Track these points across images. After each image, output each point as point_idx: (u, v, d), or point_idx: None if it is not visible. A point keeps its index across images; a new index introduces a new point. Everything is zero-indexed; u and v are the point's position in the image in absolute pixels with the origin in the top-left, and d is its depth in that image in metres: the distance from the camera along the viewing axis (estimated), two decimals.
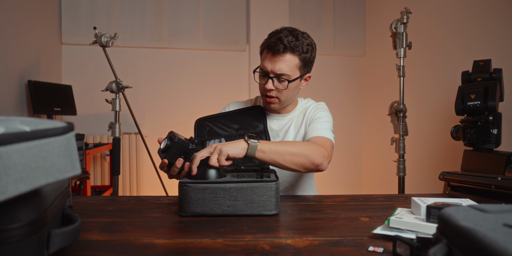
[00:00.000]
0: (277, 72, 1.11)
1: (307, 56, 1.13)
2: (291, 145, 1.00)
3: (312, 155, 0.99)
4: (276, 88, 1.14)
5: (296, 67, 1.13)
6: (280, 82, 1.14)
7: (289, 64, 1.11)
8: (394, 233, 0.66)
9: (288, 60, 1.11)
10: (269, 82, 1.13)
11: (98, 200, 1.05)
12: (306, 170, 1.02)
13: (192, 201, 0.83)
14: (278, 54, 1.10)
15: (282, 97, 1.17)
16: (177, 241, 0.67)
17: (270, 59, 1.12)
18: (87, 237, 0.69)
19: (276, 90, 1.15)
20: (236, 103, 1.36)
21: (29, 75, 2.47)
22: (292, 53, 1.10)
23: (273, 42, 1.10)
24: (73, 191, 2.33)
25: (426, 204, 0.71)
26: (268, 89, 1.14)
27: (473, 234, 0.40)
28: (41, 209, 0.48)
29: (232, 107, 1.35)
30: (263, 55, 1.16)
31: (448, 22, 2.33)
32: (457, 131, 1.54)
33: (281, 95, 1.16)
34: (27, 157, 0.40)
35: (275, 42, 1.09)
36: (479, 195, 1.05)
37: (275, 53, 1.10)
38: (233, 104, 1.36)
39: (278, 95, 1.16)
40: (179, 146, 0.94)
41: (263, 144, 0.96)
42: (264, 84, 1.14)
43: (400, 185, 2.11)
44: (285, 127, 1.27)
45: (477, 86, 1.43)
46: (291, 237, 0.69)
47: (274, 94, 1.16)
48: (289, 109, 1.28)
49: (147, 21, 3.18)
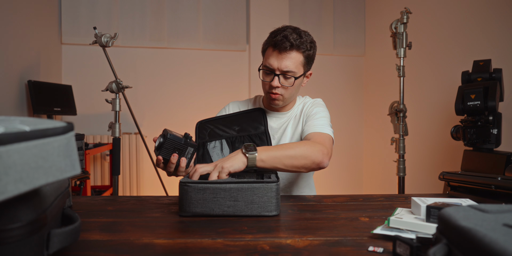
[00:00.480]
0: (284, 69, 1.13)
1: (310, 53, 1.16)
2: (289, 148, 1.00)
3: (311, 154, 1.00)
4: (282, 85, 1.16)
5: (301, 64, 1.16)
6: (286, 79, 1.16)
7: (295, 61, 1.13)
8: (394, 233, 0.66)
9: (294, 57, 1.13)
10: (275, 79, 1.15)
11: (98, 200, 1.04)
12: (308, 170, 1.02)
13: (192, 201, 0.83)
14: (284, 51, 1.12)
15: (287, 94, 1.19)
16: (177, 241, 0.67)
17: (276, 56, 1.14)
18: (87, 237, 0.69)
19: (282, 87, 1.17)
20: (235, 103, 1.37)
21: (29, 75, 2.47)
22: (297, 51, 1.13)
23: (279, 40, 1.11)
24: (73, 191, 2.33)
25: (426, 204, 0.71)
26: (274, 86, 1.16)
27: (473, 234, 0.40)
28: (41, 209, 0.48)
29: (232, 107, 1.35)
30: (268, 53, 1.17)
31: (448, 22, 2.33)
32: (457, 131, 1.54)
33: (286, 92, 1.18)
34: (27, 157, 0.40)
35: (281, 40, 1.11)
36: (479, 195, 1.05)
37: (281, 51, 1.12)
38: (233, 104, 1.37)
39: (283, 92, 1.18)
40: (172, 142, 0.95)
41: (261, 153, 0.96)
42: (270, 82, 1.16)
43: (400, 185, 2.11)
44: (284, 125, 1.28)
45: (477, 86, 1.43)
46: (291, 237, 0.69)
47: (280, 92, 1.17)
48: (288, 107, 1.30)
49: (147, 21, 3.18)
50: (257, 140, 1.20)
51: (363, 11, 3.62)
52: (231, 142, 1.21)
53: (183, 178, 0.88)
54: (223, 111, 1.35)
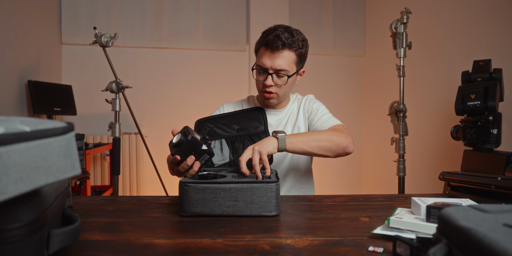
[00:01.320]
0: (277, 68, 1.16)
1: (302, 51, 1.19)
2: (315, 134, 1.09)
3: (337, 139, 1.09)
4: (275, 84, 1.18)
5: (293, 63, 1.18)
6: (279, 78, 1.19)
7: (287, 60, 1.16)
8: (394, 233, 0.66)
9: (286, 56, 1.16)
10: (268, 78, 1.17)
11: (98, 200, 1.04)
12: (334, 154, 1.10)
13: (192, 201, 0.83)
14: (277, 50, 1.14)
15: (281, 92, 1.22)
16: (177, 241, 0.67)
17: (269, 56, 1.16)
18: (87, 237, 0.69)
19: (275, 86, 1.19)
20: (229, 104, 1.39)
21: (29, 75, 2.47)
22: (289, 49, 1.15)
23: (271, 39, 1.14)
24: (73, 191, 2.33)
25: (426, 204, 0.71)
26: (268, 85, 1.18)
27: (473, 234, 0.40)
28: (41, 209, 0.48)
29: (226, 108, 1.37)
30: (260, 52, 1.20)
31: (448, 22, 2.33)
32: (457, 131, 1.54)
33: (279, 90, 1.21)
34: (27, 157, 0.40)
35: (273, 39, 1.13)
36: (479, 195, 1.05)
37: (274, 50, 1.15)
38: (227, 105, 1.38)
39: (277, 91, 1.20)
40: (192, 145, 0.92)
41: (289, 136, 1.04)
42: (264, 81, 1.18)
43: (400, 185, 2.11)
44: (283, 121, 1.31)
45: (477, 86, 1.43)
46: (291, 237, 0.69)
47: (273, 90, 1.20)
48: (284, 104, 1.34)
49: (147, 21, 3.18)
50: (257, 140, 1.20)
51: (363, 11, 3.62)
52: (231, 142, 1.21)
53: (183, 178, 0.88)
54: (217, 112, 1.36)
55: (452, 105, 1.61)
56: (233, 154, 1.20)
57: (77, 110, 2.88)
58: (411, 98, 2.62)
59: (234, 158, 1.20)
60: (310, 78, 3.37)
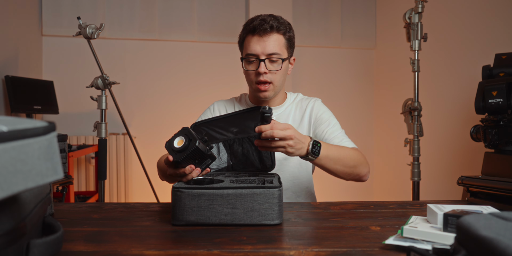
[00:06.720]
0: (269, 51, 1.18)
1: (291, 35, 1.24)
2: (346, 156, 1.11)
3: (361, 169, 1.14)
4: (269, 71, 1.20)
5: (284, 47, 1.22)
6: (272, 63, 1.21)
7: (278, 43, 1.20)
8: (408, 244, 0.66)
9: (276, 39, 1.20)
10: (261, 65, 1.19)
11: (83, 207, 1.05)
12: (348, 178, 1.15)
13: (186, 209, 0.83)
14: (265, 33, 1.18)
15: (276, 81, 1.23)
16: (170, 252, 0.67)
17: (257, 41, 1.19)
18: (70, 248, 0.69)
19: (270, 73, 1.21)
20: (220, 102, 1.40)
21: (7, 70, 2.47)
22: (277, 32, 1.20)
23: (257, 24, 1.19)
24: (54, 198, 2.33)
25: (443, 212, 0.71)
26: (262, 72, 1.19)
27: (495, 245, 0.40)
28: (19, 217, 0.48)
29: (217, 106, 1.38)
30: (247, 41, 1.23)
31: (467, 12, 2.33)
32: (477, 131, 1.54)
33: (274, 78, 1.22)
34: (4, 160, 0.40)
35: (260, 23, 1.18)
36: (501, 202, 1.05)
37: (262, 34, 1.18)
38: (218, 103, 1.40)
39: (272, 79, 1.21)
40: (198, 152, 0.92)
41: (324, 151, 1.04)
42: (256, 70, 1.20)
43: (415, 191, 2.12)
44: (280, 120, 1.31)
45: (499, 82, 1.43)
46: (295, 248, 0.69)
47: (268, 78, 1.21)
48: (279, 101, 1.34)
49: (136, 11, 3.19)
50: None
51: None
52: (229, 145, 1.21)
53: (176, 183, 0.88)
54: (208, 111, 1.38)
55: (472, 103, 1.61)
56: (232, 158, 1.21)
57: (59, 109, 2.88)
58: (427, 95, 2.63)
59: (233, 162, 1.20)
60: (315, 73, 3.38)
